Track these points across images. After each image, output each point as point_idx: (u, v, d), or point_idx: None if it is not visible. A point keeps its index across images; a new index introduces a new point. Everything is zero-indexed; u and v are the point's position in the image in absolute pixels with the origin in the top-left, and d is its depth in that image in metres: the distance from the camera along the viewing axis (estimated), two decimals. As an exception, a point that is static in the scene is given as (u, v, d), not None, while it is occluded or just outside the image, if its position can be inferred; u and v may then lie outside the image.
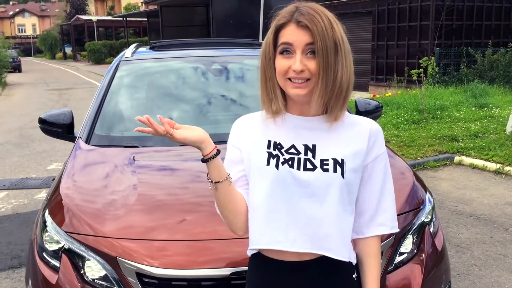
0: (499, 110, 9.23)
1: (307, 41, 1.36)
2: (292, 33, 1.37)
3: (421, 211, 2.20)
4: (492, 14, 14.65)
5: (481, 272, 3.66)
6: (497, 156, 6.44)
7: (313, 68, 1.36)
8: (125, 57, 3.53)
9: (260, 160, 1.44)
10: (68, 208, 2.16)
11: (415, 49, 13.92)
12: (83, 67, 35.38)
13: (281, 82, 1.41)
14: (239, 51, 3.80)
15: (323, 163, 1.41)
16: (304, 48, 1.37)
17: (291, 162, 1.41)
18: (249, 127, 1.53)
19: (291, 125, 1.47)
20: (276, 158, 1.42)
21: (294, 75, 1.37)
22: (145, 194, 2.21)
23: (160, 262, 1.82)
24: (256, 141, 1.48)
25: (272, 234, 1.42)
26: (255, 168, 1.45)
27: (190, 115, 3.15)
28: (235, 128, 1.56)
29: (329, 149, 1.43)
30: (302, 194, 1.40)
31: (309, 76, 1.37)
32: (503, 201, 5.19)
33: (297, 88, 1.38)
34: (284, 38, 1.39)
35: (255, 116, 1.56)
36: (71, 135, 3.16)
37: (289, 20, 1.39)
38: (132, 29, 45.74)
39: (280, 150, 1.44)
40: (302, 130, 1.45)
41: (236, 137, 1.54)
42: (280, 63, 1.39)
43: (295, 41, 1.37)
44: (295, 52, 1.37)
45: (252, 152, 1.48)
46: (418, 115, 8.97)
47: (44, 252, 2.09)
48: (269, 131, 1.49)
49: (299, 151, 1.43)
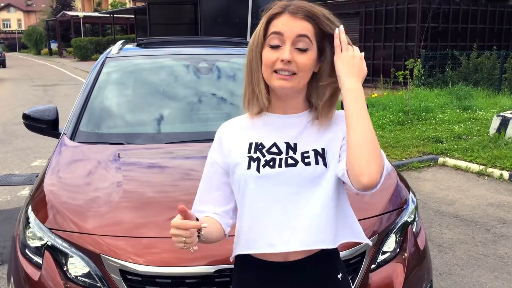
0: (483, 113, 9.35)
1: (299, 32, 1.33)
2: (285, 22, 1.35)
3: (404, 211, 2.22)
4: (478, 17, 14.84)
5: (463, 272, 3.71)
6: (480, 158, 6.53)
7: (302, 62, 1.34)
8: (111, 54, 3.51)
9: (241, 166, 1.42)
10: (51, 205, 2.14)
11: (402, 51, 14.04)
12: (69, 63, 35.03)
13: (266, 74, 1.38)
14: (226, 50, 3.79)
15: (303, 155, 1.38)
16: (294, 39, 1.34)
17: (272, 163, 1.39)
18: (232, 134, 1.50)
19: (274, 124, 1.44)
20: (257, 161, 1.40)
21: (281, 65, 1.34)
22: (130, 191, 2.20)
23: (144, 259, 1.82)
24: (237, 148, 1.46)
25: (264, 239, 1.40)
26: (238, 176, 1.43)
27: (176, 112, 3.15)
28: (218, 137, 1.52)
29: (309, 142, 1.41)
30: (289, 192, 1.38)
31: (295, 70, 1.34)
32: (485, 202, 5.27)
33: (282, 79, 1.35)
34: (275, 27, 1.36)
35: (237, 120, 1.53)
36: (56, 131, 3.14)
37: (282, 11, 1.36)
38: (119, 26, 45.41)
39: (261, 150, 1.42)
40: (284, 128, 1.43)
41: (218, 149, 1.51)
42: (268, 55, 1.36)
43: (286, 31, 1.34)
44: (285, 43, 1.34)
45: (233, 161, 1.45)
46: (404, 116, 9.05)
47: (27, 248, 2.07)
48: (251, 133, 1.46)
49: (280, 150, 1.41)
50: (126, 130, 2.97)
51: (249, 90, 1.44)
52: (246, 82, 1.45)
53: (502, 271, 3.71)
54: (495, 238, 4.33)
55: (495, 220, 4.73)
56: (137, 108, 3.15)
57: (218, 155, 1.51)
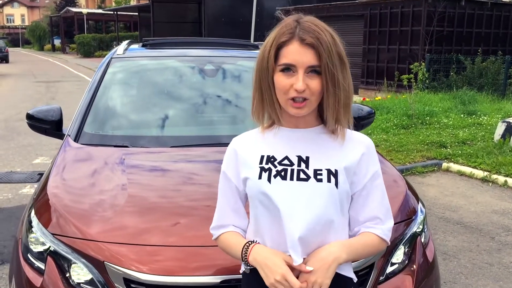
0: (487, 118, 9.30)
1: (310, 63, 1.35)
2: (295, 52, 1.36)
3: (413, 222, 2.19)
4: (483, 21, 14.77)
5: (468, 281, 3.67)
6: (485, 164, 6.48)
7: (314, 87, 1.36)
8: (117, 54, 3.47)
9: (253, 177, 1.44)
10: (55, 209, 2.11)
11: (406, 54, 13.98)
12: (72, 60, 35.01)
13: (282, 100, 1.40)
14: (233, 52, 3.76)
15: (316, 173, 1.40)
16: (306, 68, 1.36)
17: (283, 173, 1.41)
18: (245, 147, 1.52)
19: (285, 138, 1.47)
20: (268, 171, 1.42)
21: (296, 94, 1.36)
22: (135, 196, 2.17)
23: (149, 267, 1.78)
24: (249, 159, 1.48)
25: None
26: (249, 186, 1.45)
27: (182, 115, 3.11)
28: (232, 150, 1.54)
29: (322, 159, 1.43)
30: (298, 206, 1.39)
31: (308, 96, 1.37)
32: (490, 209, 5.23)
33: (298, 108, 1.38)
34: (286, 58, 1.37)
35: (249, 135, 1.56)
36: (60, 132, 3.10)
37: (291, 38, 1.37)
38: (123, 23, 45.39)
39: (273, 162, 1.44)
40: (296, 142, 1.46)
41: (232, 163, 1.53)
42: (281, 81, 1.38)
43: (298, 62, 1.36)
44: (297, 71, 1.36)
45: (245, 172, 1.48)
46: (407, 120, 9.00)
47: (29, 253, 2.04)
48: (263, 146, 1.49)
49: (292, 162, 1.43)
50: (131, 133, 2.93)
51: (260, 106, 1.47)
52: (257, 99, 1.47)
53: (507, 281, 3.67)
54: (500, 246, 4.29)
55: (500, 228, 4.69)
56: (142, 111, 3.11)
57: (232, 170, 1.52)
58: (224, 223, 1.55)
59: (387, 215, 1.50)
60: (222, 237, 1.54)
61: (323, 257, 1.36)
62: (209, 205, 2.07)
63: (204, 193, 2.22)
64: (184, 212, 2.08)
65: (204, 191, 2.25)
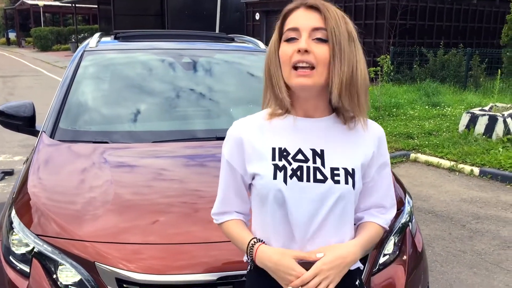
0: (451, 109, 9.55)
1: (314, 25, 1.27)
2: (299, 16, 1.29)
3: (401, 213, 2.21)
4: (444, 15, 15.15)
5: (443, 269, 3.76)
6: (451, 154, 6.66)
7: (320, 52, 1.26)
8: (89, 47, 3.35)
9: (266, 175, 1.34)
10: (37, 208, 2.02)
11: (371, 47, 14.19)
12: (29, 54, 33.85)
13: (286, 73, 1.30)
14: (209, 45, 3.70)
15: (333, 173, 1.33)
16: (310, 32, 1.27)
17: (299, 172, 1.32)
18: (252, 136, 1.40)
19: (296, 127, 1.37)
20: (284, 170, 1.32)
21: (299, 57, 1.26)
22: (119, 192, 2.10)
23: (142, 267, 1.73)
24: (260, 153, 1.37)
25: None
26: (261, 185, 1.35)
27: (158, 109, 3.04)
28: (238, 138, 1.41)
29: (338, 155, 1.36)
30: (312, 208, 1.33)
31: (314, 62, 1.26)
32: (458, 197, 5.37)
33: (302, 76, 1.26)
34: (290, 23, 1.30)
35: (253, 120, 1.44)
36: (33, 128, 2.98)
37: (297, 6, 1.31)
38: (81, 16, 44.20)
39: (287, 157, 1.34)
40: (308, 133, 1.36)
41: (236, 152, 1.41)
42: (284, 49, 1.30)
43: (301, 24, 1.28)
44: (301, 36, 1.28)
45: (256, 168, 1.37)
46: (375, 112, 9.14)
47: (11, 255, 1.95)
48: (272, 136, 1.38)
49: (307, 157, 1.34)
50: (110, 128, 2.84)
51: (271, 93, 1.37)
52: (268, 87, 1.38)
53: (481, 267, 3.78)
54: (471, 234, 4.41)
55: (469, 216, 4.83)
56: (120, 105, 3.02)
57: (237, 160, 1.42)
58: (227, 210, 1.47)
59: (392, 204, 1.49)
60: (225, 225, 1.47)
61: (342, 256, 1.31)
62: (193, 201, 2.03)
63: (183, 189, 2.20)
64: (164, 210, 2.03)
65: (182, 187, 2.22)
